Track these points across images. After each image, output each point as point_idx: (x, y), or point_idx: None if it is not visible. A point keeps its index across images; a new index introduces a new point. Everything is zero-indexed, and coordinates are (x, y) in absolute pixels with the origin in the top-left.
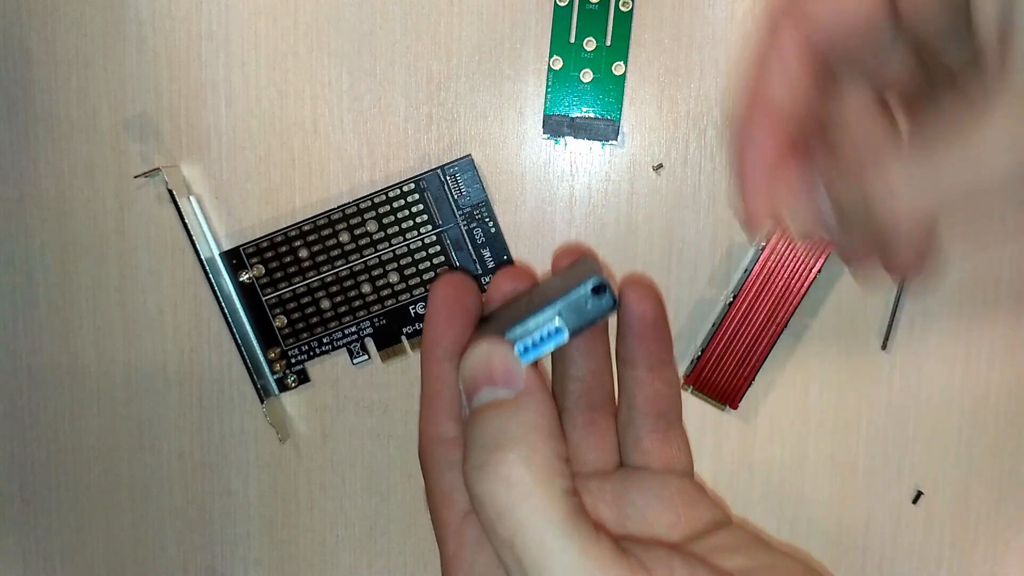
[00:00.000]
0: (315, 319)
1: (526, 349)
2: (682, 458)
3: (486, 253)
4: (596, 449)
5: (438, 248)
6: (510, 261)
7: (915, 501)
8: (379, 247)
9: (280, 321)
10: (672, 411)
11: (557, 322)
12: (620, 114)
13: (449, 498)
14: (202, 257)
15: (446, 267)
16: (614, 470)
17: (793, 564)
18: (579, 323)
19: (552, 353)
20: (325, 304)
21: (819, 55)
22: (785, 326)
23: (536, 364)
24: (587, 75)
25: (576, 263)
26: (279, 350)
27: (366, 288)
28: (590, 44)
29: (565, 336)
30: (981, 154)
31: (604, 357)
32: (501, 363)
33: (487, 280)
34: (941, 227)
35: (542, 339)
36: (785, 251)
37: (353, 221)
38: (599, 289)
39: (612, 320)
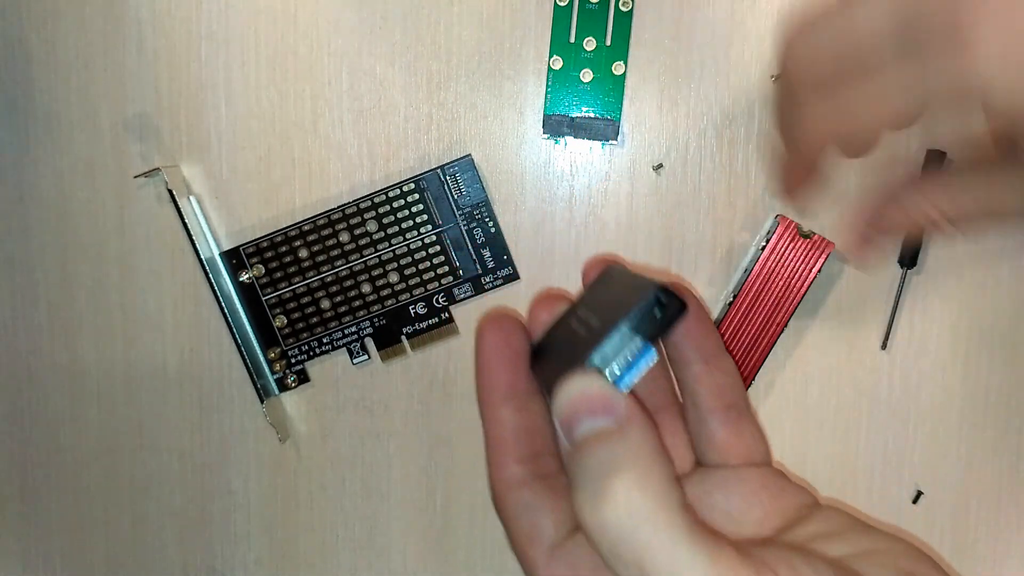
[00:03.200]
0: (315, 319)
1: (620, 376)
2: (758, 447)
3: (486, 253)
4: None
5: (438, 248)
6: (510, 261)
7: (915, 501)
8: (379, 247)
9: (280, 321)
10: (739, 401)
11: (638, 340)
12: (620, 114)
13: (532, 538)
14: (202, 257)
15: (493, 309)
16: (691, 471)
17: (897, 545)
18: (655, 334)
19: None
20: (325, 304)
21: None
22: (785, 326)
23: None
24: (587, 75)
25: (606, 272)
26: (279, 350)
27: (366, 288)
28: (590, 44)
29: (653, 353)
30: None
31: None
32: (598, 394)
33: (488, 280)
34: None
35: (632, 362)
36: (785, 251)
37: (353, 221)
38: (664, 296)
39: None
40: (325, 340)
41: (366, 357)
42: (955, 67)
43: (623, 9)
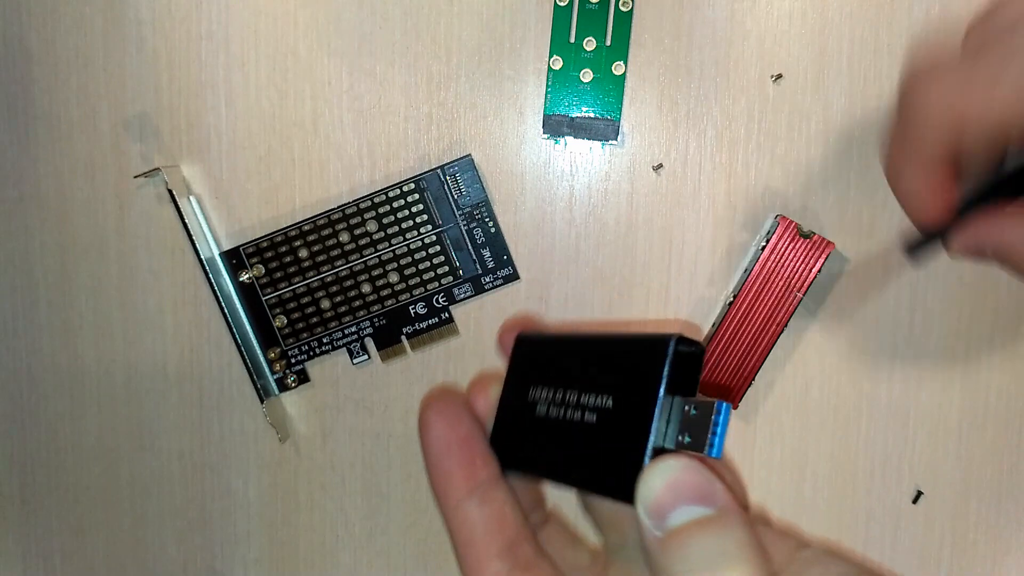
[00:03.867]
0: (315, 319)
1: (712, 445)
2: (736, 493)
3: (486, 253)
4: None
5: (438, 248)
6: (510, 261)
7: (915, 501)
8: (379, 247)
9: (280, 321)
10: None
11: (706, 402)
12: (620, 114)
13: None
14: (202, 257)
15: (435, 386)
16: None
17: None
18: (694, 385)
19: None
20: (325, 304)
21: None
22: (785, 326)
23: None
24: (587, 75)
25: (525, 340)
26: (279, 350)
27: (366, 288)
28: (590, 44)
29: (728, 405)
30: None
31: None
32: (694, 480)
33: (488, 280)
34: None
35: (716, 425)
36: (785, 251)
37: (353, 221)
38: (684, 345)
39: None
40: (325, 340)
41: (366, 357)
42: None
43: (623, 9)
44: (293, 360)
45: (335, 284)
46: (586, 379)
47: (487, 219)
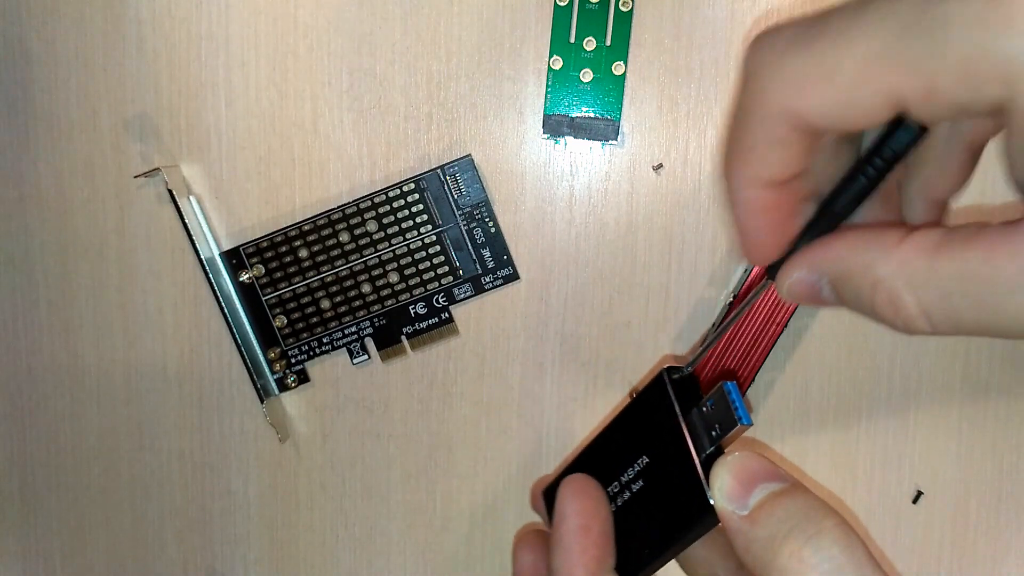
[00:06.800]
0: (315, 319)
1: (740, 416)
2: None
3: (486, 253)
4: None
5: (438, 248)
6: (510, 261)
7: (915, 501)
8: (379, 247)
9: (280, 321)
10: None
11: (713, 402)
12: (620, 114)
13: None
14: (202, 257)
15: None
16: None
17: None
18: (698, 396)
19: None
20: (325, 304)
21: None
22: (785, 326)
23: None
24: (587, 75)
25: (547, 491)
26: (279, 350)
27: (366, 288)
28: (590, 44)
29: (730, 383)
30: (997, 290)
31: None
32: (760, 464)
33: (488, 280)
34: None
35: (734, 403)
36: None
37: (353, 221)
38: (673, 372)
39: None
40: (325, 340)
41: (366, 357)
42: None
43: (623, 9)
44: (293, 360)
45: (335, 284)
46: (616, 464)
47: (487, 219)
